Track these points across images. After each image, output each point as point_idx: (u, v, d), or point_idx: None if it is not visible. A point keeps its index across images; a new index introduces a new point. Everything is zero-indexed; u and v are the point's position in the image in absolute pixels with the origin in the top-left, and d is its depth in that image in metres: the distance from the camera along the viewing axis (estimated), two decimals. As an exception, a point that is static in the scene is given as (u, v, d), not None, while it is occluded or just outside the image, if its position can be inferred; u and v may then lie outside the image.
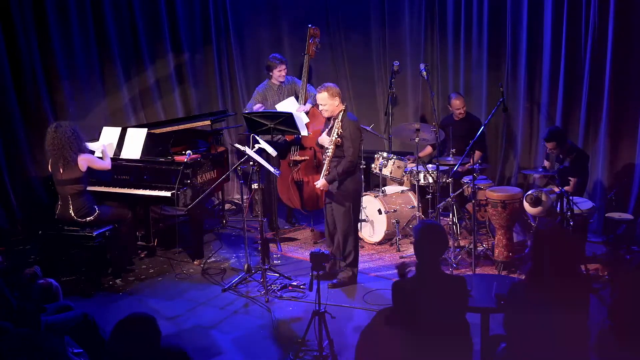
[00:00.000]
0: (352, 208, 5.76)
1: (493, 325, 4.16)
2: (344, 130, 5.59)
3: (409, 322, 3.50)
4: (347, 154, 5.59)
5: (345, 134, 5.59)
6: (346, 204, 5.72)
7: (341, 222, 5.77)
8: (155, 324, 3.09)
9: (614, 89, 6.76)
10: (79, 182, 5.90)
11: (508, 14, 7.46)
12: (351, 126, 5.62)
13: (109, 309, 5.55)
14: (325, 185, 5.71)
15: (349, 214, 5.75)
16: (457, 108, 7.29)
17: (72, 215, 5.89)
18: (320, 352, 4.46)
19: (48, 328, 4.18)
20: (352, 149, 5.58)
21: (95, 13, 7.54)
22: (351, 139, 5.58)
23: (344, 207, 5.74)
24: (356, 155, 5.64)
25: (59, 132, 5.84)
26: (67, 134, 5.83)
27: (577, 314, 3.38)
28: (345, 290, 5.83)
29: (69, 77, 7.42)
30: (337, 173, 5.62)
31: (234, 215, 7.99)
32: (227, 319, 5.39)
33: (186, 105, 8.40)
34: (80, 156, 5.88)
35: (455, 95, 7.40)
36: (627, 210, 6.68)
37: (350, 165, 5.59)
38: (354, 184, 5.74)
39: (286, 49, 8.48)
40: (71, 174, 5.86)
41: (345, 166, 5.59)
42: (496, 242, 6.16)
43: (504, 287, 4.03)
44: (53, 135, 5.86)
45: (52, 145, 5.87)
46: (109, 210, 6.10)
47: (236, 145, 5.95)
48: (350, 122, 5.63)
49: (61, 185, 5.92)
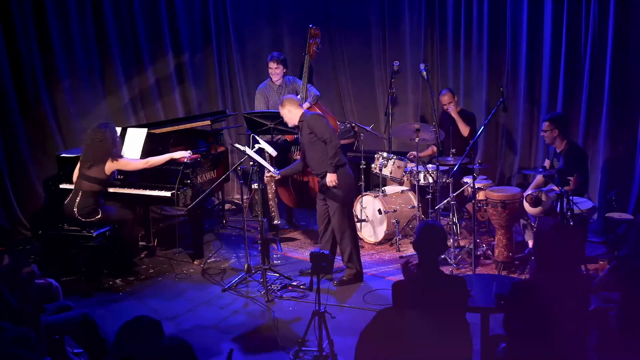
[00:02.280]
0: (344, 202, 5.81)
1: (493, 325, 4.16)
2: (307, 131, 5.75)
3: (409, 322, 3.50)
4: (325, 141, 5.69)
5: (311, 126, 5.73)
6: (338, 199, 5.77)
7: (335, 218, 5.81)
8: (160, 327, 3.08)
9: (614, 89, 6.76)
10: (99, 183, 5.96)
11: (508, 14, 7.46)
12: (311, 119, 5.77)
13: (109, 309, 5.55)
14: (335, 178, 5.72)
15: (343, 208, 5.80)
16: (444, 104, 7.25)
17: (74, 211, 5.90)
18: (320, 352, 4.46)
19: (48, 328, 4.18)
20: (325, 134, 5.70)
21: (95, 13, 7.54)
22: (318, 132, 5.71)
23: (336, 203, 5.78)
24: (332, 135, 5.72)
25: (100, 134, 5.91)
26: (109, 139, 5.92)
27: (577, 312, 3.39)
28: (346, 290, 5.83)
29: (69, 77, 7.42)
30: (330, 158, 5.69)
31: (234, 215, 7.99)
32: (227, 319, 5.39)
33: (186, 105, 8.39)
34: (113, 162, 5.96)
35: (444, 91, 7.31)
36: (627, 210, 6.68)
37: (334, 147, 5.68)
38: (345, 177, 5.78)
39: (286, 49, 8.48)
40: (95, 174, 5.92)
41: (332, 151, 5.68)
42: (496, 242, 6.16)
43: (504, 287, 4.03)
44: (96, 135, 5.93)
45: (90, 142, 5.94)
46: (111, 213, 6.09)
47: (236, 145, 5.96)
48: (310, 117, 5.79)
49: (81, 179, 5.96)
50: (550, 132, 6.16)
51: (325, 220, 5.95)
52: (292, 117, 5.84)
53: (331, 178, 5.71)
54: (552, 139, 6.19)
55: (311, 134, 5.74)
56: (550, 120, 6.19)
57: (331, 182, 5.71)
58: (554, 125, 6.14)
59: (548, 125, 6.16)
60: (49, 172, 6.95)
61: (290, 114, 5.83)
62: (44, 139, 7.31)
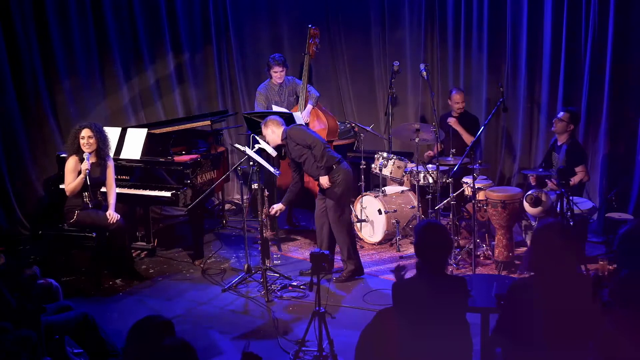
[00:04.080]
0: (341, 198, 5.86)
1: (493, 325, 4.15)
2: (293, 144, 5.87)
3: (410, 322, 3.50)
4: (310, 146, 5.80)
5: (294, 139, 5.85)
6: (335, 195, 5.83)
7: (333, 213, 5.88)
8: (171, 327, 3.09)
9: (614, 89, 6.76)
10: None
11: (508, 14, 7.45)
12: (290, 132, 5.88)
13: (109, 309, 5.55)
14: (327, 179, 5.80)
15: (340, 204, 5.86)
16: (457, 102, 7.29)
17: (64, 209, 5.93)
18: (320, 352, 4.46)
19: (48, 328, 4.18)
20: (307, 140, 5.81)
21: (95, 13, 7.54)
22: (301, 141, 5.83)
23: (333, 199, 5.86)
24: (315, 140, 5.81)
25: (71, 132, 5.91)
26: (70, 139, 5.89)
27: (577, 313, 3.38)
28: (346, 290, 5.83)
29: (69, 77, 7.42)
30: (319, 162, 5.79)
31: (234, 215, 7.99)
32: (227, 319, 5.39)
33: (186, 105, 8.39)
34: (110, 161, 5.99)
35: (456, 90, 7.43)
36: (627, 210, 6.68)
37: (320, 150, 5.76)
38: (341, 174, 5.84)
39: (286, 49, 8.48)
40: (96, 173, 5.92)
41: (318, 154, 5.77)
42: (496, 242, 6.16)
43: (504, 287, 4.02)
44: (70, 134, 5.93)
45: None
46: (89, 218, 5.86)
47: (236, 145, 5.97)
48: (288, 132, 5.89)
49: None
50: (565, 125, 6.28)
51: (322, 221, 5.99)
52: (275, 137, 5.93)
53: (323, 180, 5.82)
54: (562, 130, 6.30)
55: (297, 145, 5.85)
56: (570, 112, 6.33)
57: (324, 184, 5.81)
58: (571, 120, 6.28)
59: (566, 117, 6.29)
60: (49, 172, 6.96)
61: (274, 134, 5.92)
62: (44, 139, 7.31)
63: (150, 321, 3.06)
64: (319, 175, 5.84)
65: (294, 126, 6.02)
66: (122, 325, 4.50)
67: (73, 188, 5.81)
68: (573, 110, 6.44)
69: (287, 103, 7.23)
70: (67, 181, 5.85)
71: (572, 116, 6.30)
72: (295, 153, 5.90)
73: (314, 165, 5.83)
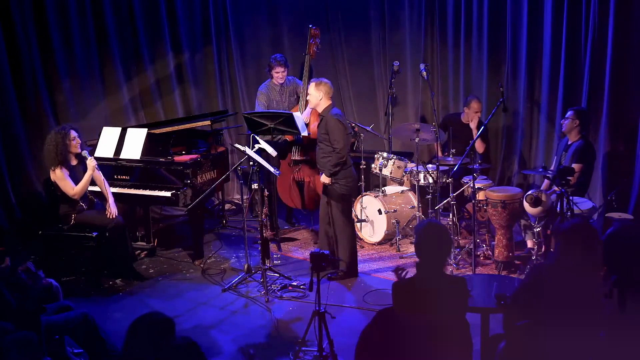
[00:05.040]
0: (344, 200, 5.91)
1: (493, 325, 4.16)
2: (323, 129, 5.83)
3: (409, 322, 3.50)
4: (334, 147, 5.77)
5: (329, 128, 5.79)
6: (339, 198, 5.89)
7: (336, 215, 5.92)
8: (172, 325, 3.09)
9: (614, 88, 6.75)
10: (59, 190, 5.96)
11: (508, 14, 7.45)
12: (331, 120, 5.79)
13: (109, 309, 5.55)
14: (327, 180, 5.85)
15: (343, 206, 5.91)
16: (476, 111, 7.14)
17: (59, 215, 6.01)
18: (320, 352, 4.46)
19: (48, 328, 4.18)
20: (337, 141, 5.76)
21: (95, 13, 7.53)
22: (335, 132, 5.77)
23: (334, 201, 5.91)
24: (343, 147, 5.78)
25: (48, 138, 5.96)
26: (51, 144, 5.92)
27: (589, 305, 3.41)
28: (346, 290, 5.83)
29: (69, 77, 7.42)
30: (331, 165, 5.80)
31: (234, 215, 7.99)
32: (227, 319, 5.40)
33: (186, 105, 8.39)
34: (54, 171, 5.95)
35: (475, 98, 7.23)
36: (627, 210, 6.67)
37: (339, 158, 5.76)
38: (347, 176, 5.88)
39: (286, 49, 8.47)
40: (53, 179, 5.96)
41: (335, 160, 5.78)
42: (496, 242, 6.17)
43: (504, 287, 4.03)
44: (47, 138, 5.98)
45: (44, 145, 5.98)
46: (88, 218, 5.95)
47: (236, 145, 5.96)
48: (331, 117, 5.80)
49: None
50: (571, 122, 6.27)
51: (325, 222, 6.03)
52: (316, 101, 5.88)
53: (324, 179, 5.89)
54: (570, 128, 6.29)
55: (325, 133, 5.84)
56: (576, 111, 6.34)
57: (323, 181, 5.89)
58: (576, 116, 6.27)
59: (572, 115, 6.29)
60: (49, 172, 6.94)
61: (318, 99, 5.86)
62: (44, 139, 7.28)
63: (150, 318, 3.06)
64: (319, 166, 5.93)
65: (338, 115, 5.88)
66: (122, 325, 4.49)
67: (82, 188, 5.87)
68: (578, 108, 6.46)
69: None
70: (69, 187, 5.85)
71: (576, 113, 6.31)
72: (319, 132, 5.91)
73: (325, 158, 5.88)
